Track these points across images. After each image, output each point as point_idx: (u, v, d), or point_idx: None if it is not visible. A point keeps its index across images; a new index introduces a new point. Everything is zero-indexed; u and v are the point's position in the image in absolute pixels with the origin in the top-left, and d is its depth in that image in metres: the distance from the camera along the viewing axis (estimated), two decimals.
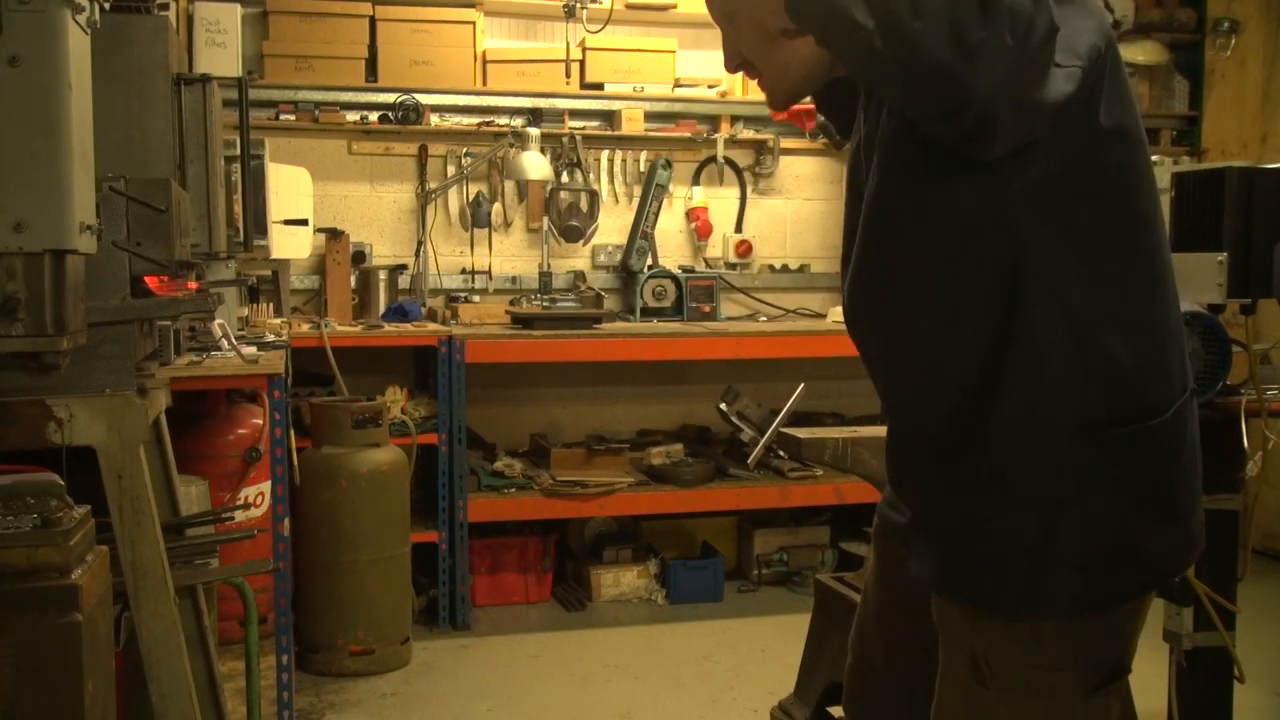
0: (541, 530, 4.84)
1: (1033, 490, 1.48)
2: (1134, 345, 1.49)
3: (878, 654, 1.86)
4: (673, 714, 3.72)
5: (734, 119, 5.40)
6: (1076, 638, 1.52)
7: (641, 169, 5.34)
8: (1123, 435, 1.48)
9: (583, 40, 5.14)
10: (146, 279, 1.99)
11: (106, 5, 1.19)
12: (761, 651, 4.16)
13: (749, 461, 2.61)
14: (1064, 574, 1.48)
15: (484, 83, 5.11)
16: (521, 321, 4.76)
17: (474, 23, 5.07)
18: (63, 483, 1.18)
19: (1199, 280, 2.47)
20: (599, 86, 5.23)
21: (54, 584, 1.12)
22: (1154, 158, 3.05)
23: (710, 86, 5.39)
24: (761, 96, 5.86)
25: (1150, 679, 2.78)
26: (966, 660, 1.54)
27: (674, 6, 5.28)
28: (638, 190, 5.32)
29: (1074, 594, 1.49)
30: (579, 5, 4.98)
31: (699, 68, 5.43)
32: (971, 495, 1.53)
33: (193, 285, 2.22)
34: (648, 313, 5.10)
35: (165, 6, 2.48)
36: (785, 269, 5.58)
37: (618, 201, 5.36)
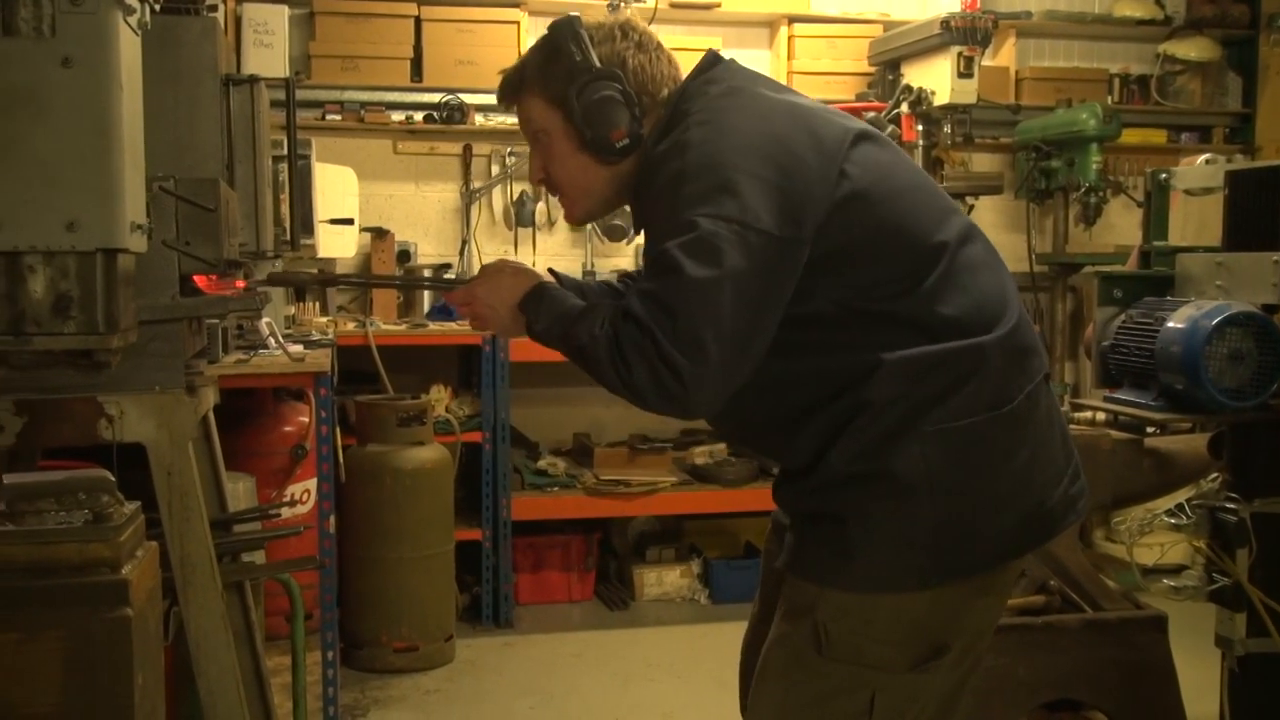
0: (584, 529, 4.85)
1: (885, 482, 1.60)
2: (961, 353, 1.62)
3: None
4: (715, 715, 3.70)
5: None
6: (907, 614, 1.64)
7: None
8: (965, 427, 1.61)
9: None
10: (195, 277, 2.02)
11: (157, 7, 1.20)
12: None
13: None
14: (908, 555, 1.62)
15: None
16: None
17: (518, 23, 5.09)
18: (113, 479, 1.19)
19: (1253, 280, 2.43)
20: None
21: (105, 579, 1.13)
22: (1205, 155, 3.01)
23: None
24: (807, 94, 5.77)
25: (1202, 685, 2.74)
26: (809, 630, 1.65)
27: (718, 5, 5.26)
28: None
29: (914, 573, 1.62)
30: (623, 4, 4.98)
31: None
32: (828, 489, 1.65)
33: (240, 284, 2.24)
34: None
35: (214, 8, 2.50)
36: None
37: None
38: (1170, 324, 2.44)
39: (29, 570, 1.12)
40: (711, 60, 1.76)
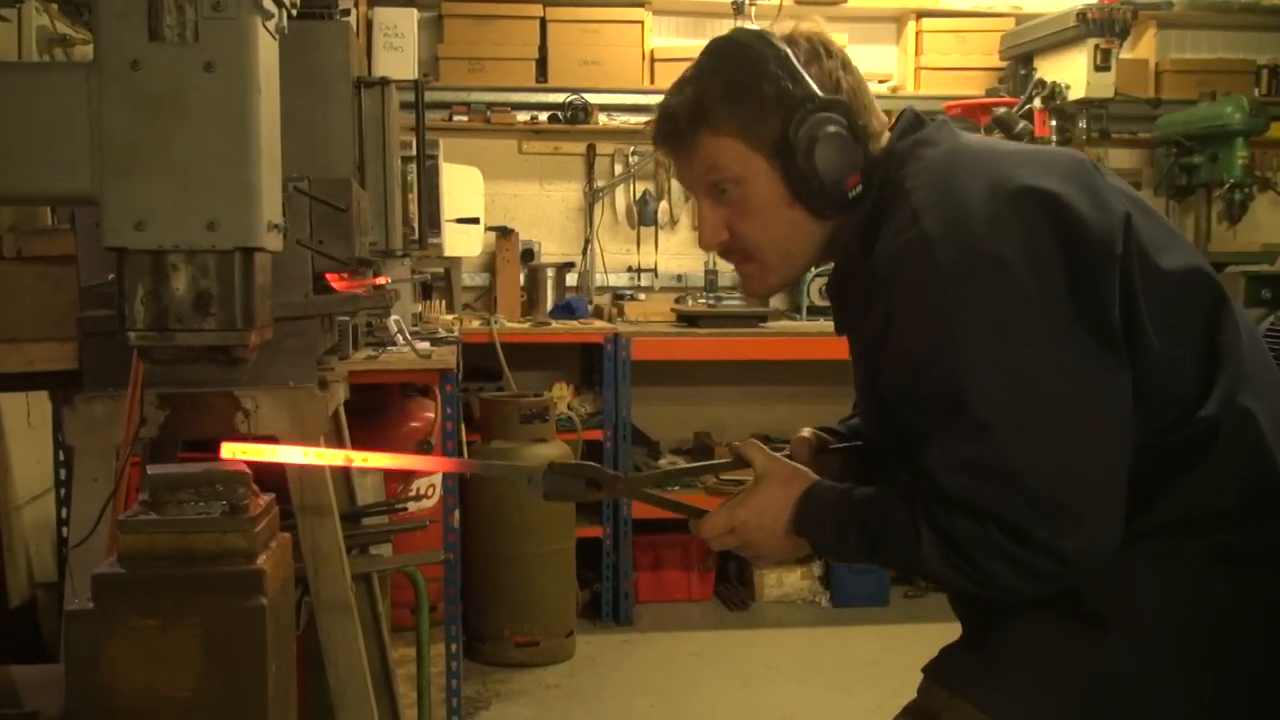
0: None
1: (1065, 597, 1.26)
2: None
3: None
4: (836, 719, 3.66)
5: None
6: None
7: None
8: (1193, 563, 1.25)
9: None
10: (327, 275, 2.06)
11: (294, 12, 1.23)
12: (929, 658, 4.05)
13: None
14: (1080, 707, 1.25)
15: (652, 81, 5.12)
16: (687, 319, 4.76)
17: (642, 22, 5.10)
18: (249, 471, 1.22)
19: None
20: None
21: (241, 568, 1.16)
22: None
23: (880, 81, 5.28)
24: (934, 91, 5.66)
25: None
26: None
27: (844, 1, 5.20)
28: None
29: None
30: (748, 2, 4.95)
31: (869, 63, 5.33)
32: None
33: (376, 281, 2.29)
34: (814, 311, 5.03)
35: (346, 12, 2.56)
36: None
37: None
38: None
39: (171, 559, 1.16)
40: (913, 120, 1.41)
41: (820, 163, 1.33)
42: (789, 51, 1.36)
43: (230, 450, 1.21)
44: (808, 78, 1.36)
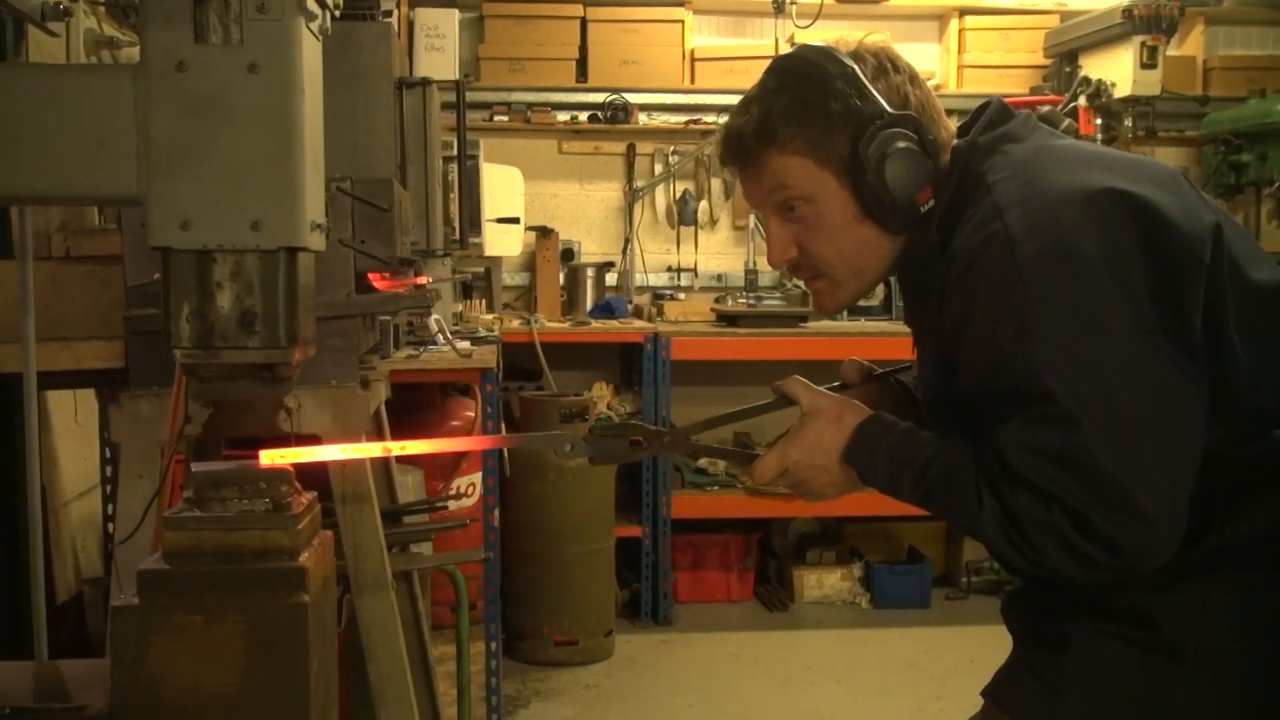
0: (744, 529, 4.82)
1: (1139, 626, 1.27)
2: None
3: None
4: None
5: (946, 113, 5.23)
6: None
7: None
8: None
9: (791, 36, 5.08)
10: (369, 275, 2.08)
11: (337, 13, 1.23)
12: (970, 662, 4.03)
13: None
14: None
15: (692, 81, 5.12)
16: (727, 319, 4.75)
17: (683, 21, 5.10)
18: (292, 469, 1.23)
19: None
20: None
21: (284, 565, 1.17)
22: None
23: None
24: (977, 89, 5.59)
25: None
26: None
27: None
28: None
29: None
30: (788, 1, 4.93)
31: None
32: (1065, 608, 1.33)
33: (417, 280, 2.30)
34: (855, 311, 5.00)
35: (389, 13, 2.57)
36: None
37: None
38: None
39: (214, 555, 1.17)
40: (1000, 112, 1.40)
41: (891, 179, 1.34)
42: (855, 67, 1.36)
43: (269, 457, 1.22)
44: (875, 93, 1.36)
